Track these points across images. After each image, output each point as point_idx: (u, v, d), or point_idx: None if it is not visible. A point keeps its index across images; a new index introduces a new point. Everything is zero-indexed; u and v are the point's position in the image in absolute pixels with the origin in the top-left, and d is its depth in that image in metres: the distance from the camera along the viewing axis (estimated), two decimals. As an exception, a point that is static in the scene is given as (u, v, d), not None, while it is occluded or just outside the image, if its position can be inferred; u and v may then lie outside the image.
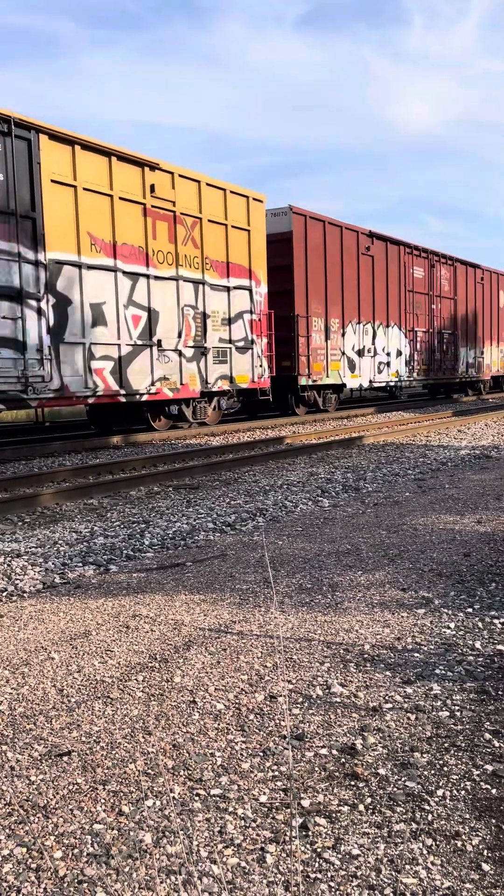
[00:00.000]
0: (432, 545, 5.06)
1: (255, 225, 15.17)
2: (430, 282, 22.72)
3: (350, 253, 18.61)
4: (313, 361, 17.37)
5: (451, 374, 24.54)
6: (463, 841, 1.96)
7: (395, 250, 20.78)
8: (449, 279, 23.94)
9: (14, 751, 2.48)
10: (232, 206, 14.49)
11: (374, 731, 2.54)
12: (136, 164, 12.27)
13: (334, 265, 18.02)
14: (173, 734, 2.55)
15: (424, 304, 22.41)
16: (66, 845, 1.98)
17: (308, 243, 17.00)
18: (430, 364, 22.96)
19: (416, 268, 21.96)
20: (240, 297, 14.88)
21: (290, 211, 16.59)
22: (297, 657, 3.18)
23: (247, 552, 5.06)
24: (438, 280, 23.24)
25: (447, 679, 2.94)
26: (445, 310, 23.91)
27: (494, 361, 28.55)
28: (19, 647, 3.43)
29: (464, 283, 24.96)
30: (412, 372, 21.93)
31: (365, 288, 19.49)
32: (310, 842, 1.97)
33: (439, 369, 23.64)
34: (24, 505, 6.98)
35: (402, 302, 21.22)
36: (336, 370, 18.28)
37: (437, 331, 23.20)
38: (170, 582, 4.44)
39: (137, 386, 12.42)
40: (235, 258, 14.69)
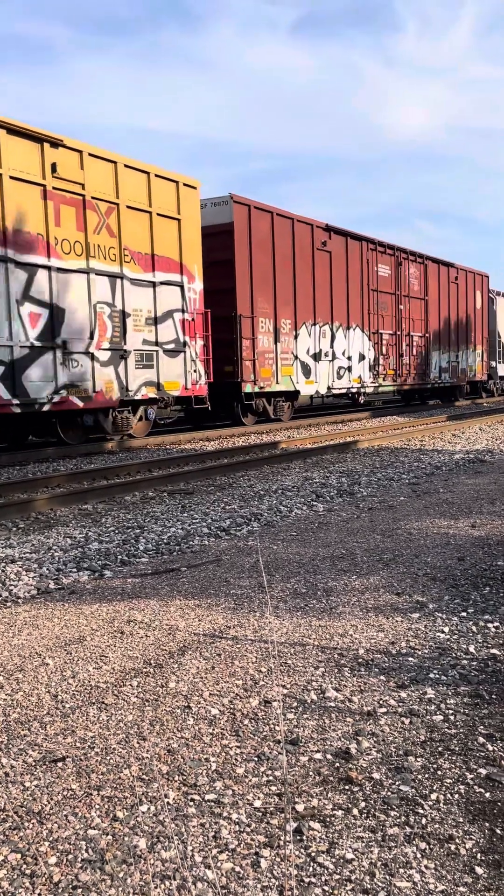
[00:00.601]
0: (427, 549, 5.08)
1: (187, 214, 13.53)
2: (398, 281, 21.22)
3: (304, 248, 17.08)
4: (260, 366, 15.75)
5: (422, 380, 22.90)
6: (457, 844, 1.96)
7: (356, 246, 19.16)
8: (419, 278, 22.43)
9: (8, 757, 2.48)
10: (158, 191, 12.90)
11: (369, 735, 2.54)
12: (33, 139, 10.80)
13: (285, 261, 16.46)
14: (168, 739, 2.55)
15: (391, 304, 20.95)
16: (60, 851, 1.98)
17: (253, 236, 15.46)
18: (398, 369, 21.46)
19: (382, 266, 20.41)
20: (169, 294, 13.25)
21: (231, 200, 15.05)
22: (292, 662, 3.19)
23: (241, 557, 5.07)
24: (407, 279, 21.74)
25: (441, 683, 2.94)
26: (415, 311, 22.35)
27: (472, 366, 26.85)
28: (14, 653, 3.43)
29: (436, 283, 23.41)
30: (377, 377, 20.36)
31: (322, 286, 17.87)
32: (304, 846, 1.97)
33: (409, 374, 22.04)
34: (18, 510, 6.97)
35: (366, 302, 19.68)
36: (288, 376, 16.77)
37: (407, 333, 21.74)
38: (164, 587, 4.44)
39: (37, 394, 10.92)
40: (163, 250, 13.06)
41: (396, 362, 21.33)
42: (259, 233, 15.70)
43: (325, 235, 17.88)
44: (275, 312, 16.30)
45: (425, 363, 23.08)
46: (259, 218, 15.73)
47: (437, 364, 23.90)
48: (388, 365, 20.88)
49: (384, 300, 20.65)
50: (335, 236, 18.30)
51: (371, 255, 19.90)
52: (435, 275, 23.50)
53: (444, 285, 24.04)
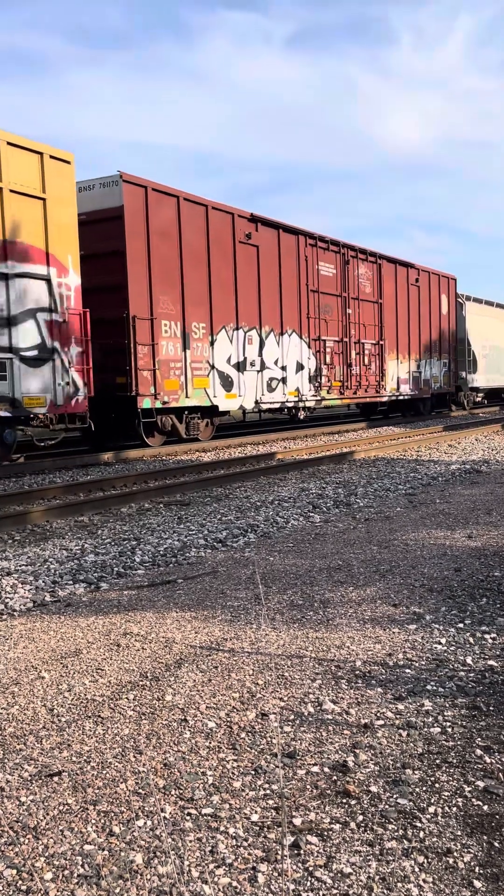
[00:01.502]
0: (423, 560, 5.07)
1: (56, 193, 11.02)
2: (344, 281, 18.52)
3: (222, 240, 14.52)
4: (163, 377, 13.11)
5: (375, 392, 20.15)
6: (455, 858, 1.95)
7: (290, 240, 16.64)
8: (371, 279, 19.83)
9: (4, 771, 2.46)
10: (13, 163, 10.41)
11: (366, 748, 2.53)
12: None
13: (196, 254, 13.86)
14: (164, 753, 2.54)
15: (337, 307, 18.28)
16: (56, 866, 1.96)
17: (152, 223, 12.88)
18: (346, 380, 18.65)
19: (324, 264, 17.80)
20: (29, 289, 10.72)
21: (121, 180, 12.51)
22: (289, 674, 3.18)
23: (238, 569, 5.06)
24: (355, 280, 19.03)
25: (438, 695, 2.94)
26: (367, 315, 19.67)
27: (437, 377, 24.00)
28: (9, 667, 3.41)
29: (392, 285, 20.87)
30: (320, 390, 17.66)
31: (247, 285, 15.25)
32: (301, 860, 1.96)
33: (360, 386, 19.27)
34: (14, 522, 6.95)
35: (304, 304, 17.05)
36: (202, 388, 14.10)
37: (357, 340, 19.04)
38: (161, 599, 4.43)
39: None
40: (22, 236, 10.57)
41: (344, 373, 18.56)
42: (161, 220, 13.05)
43: (250, 227, 15.28)
44: (183, 314, 13.55)
45: (380, 374, 20.34)
46: (161, 203, 13.13)
47: (394, 375, 21.19)
48: (333, 376, 18.14)
49: (328, 303, 18.00)
50: (263, 228, 15.73)
51: (310, 252, 17.32)
52: (391, 276, 20.91)
53: (402, 287, 21.49)
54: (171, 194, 13.32)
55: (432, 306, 23.42)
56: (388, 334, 20.83)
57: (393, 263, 21.11)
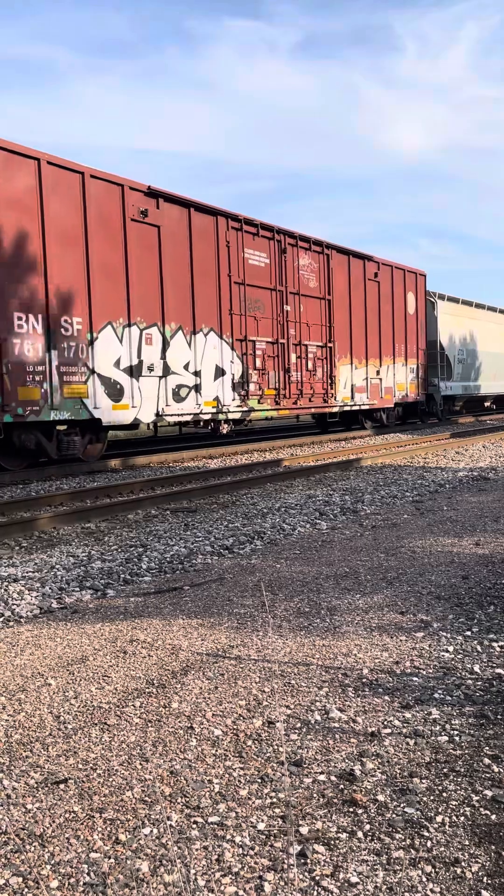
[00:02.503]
0: (430, 568, 5.06)
1: None
2: (281, 272, 15.92)
3: (108, 217, 11.98)
4: (17, 384, 10.50)
5: (322, 402, 17.42)
6: (462, 868, 1.94)
7: (206, 222, 13.96)
8: (318, 272, 17.20)
9: (10, 778, 2.46)
10: None
11: (373, 756, 2.52)
12: None
13: (68, 232, 11.27)
14: (171, 761, 2.53)
15: (271, 303, 15.67)
16: (62, 874, 1.96)
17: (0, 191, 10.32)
18: (283, 388, 15.93)
19: (254, 251, 15.15)
20: None
21: None
22: (296, 682, 3.17)
23: (245, 576, 5.05)
24: (295, 272, 16.40)
25: (446, 703, 2.92)
26: (312, 313, 17.03)
27: (401, 384, 21.09)
28: (16, 673, 3.41)
29: (345, 279, 18.22)
30: (248, 399, 14.90)
31: (143, 273, 12.57)
32: (308, 869, 1.95)
33: (301, 395, 16.57)
34: (21, 529, 6.97)
35: (225, 299, 14.38)
36: (77, 398, 11.39)
37: (298, 342, 16.41)
38: (167, 606, 4.42)
39: None
40: None
41: (280, 379, 15.89)
42: (12, 189, 10.50)
43: (147, 202, 12.58)
44: (47, 306, 10.97)
45: (328, 380, 17.58)
46: (11, 166, 10.45)
47: (347, 382, 18.39)
48: (265, 382, 15.44)
49: (258, 297, 15.30)
50: (167, 205, 13.04)
51: (234, 237, 14.63)
52: (343, 268, 18.22)
53: (357, 282, 18.78)
54: (28, 156, 10.67)
55: (396, 305, 20.69)
56: (340, 336, 18.10)
57: (345, 254, 18.32)
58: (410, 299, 21.59)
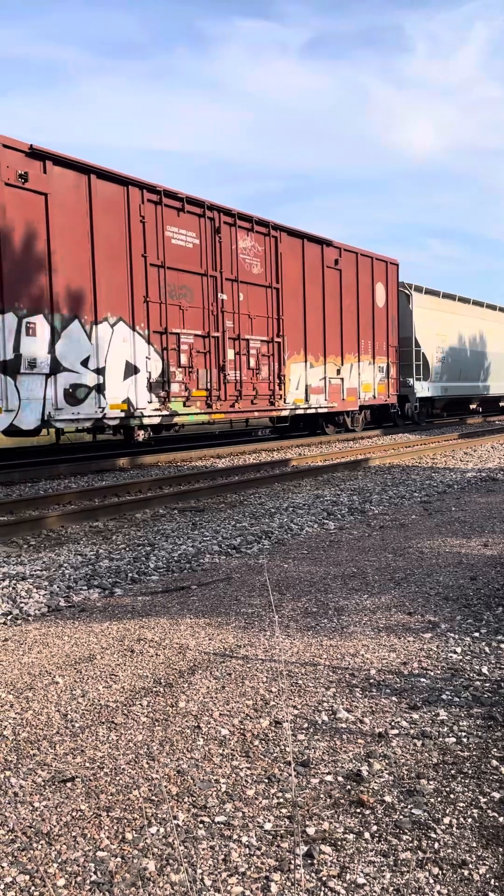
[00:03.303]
0: (438, 568, 5.04)
1: None
2: (215, 256, 13.68)
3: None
4: None
5: (269, 404, 15.19)
6: (470, 870, 1.93)
7: (114, 192, 11.68)
8: (263, 257, 14.94)
9: (18, 776, 2.46)
10: None
11: (380, 757, 2.52)
12: None
13: None
14: (178, 760, 2.53)
15: (202, 291, 13.40)
16: (69, 873, 1.96)
17: None
18: (217, 388, 13.71)
19: (178, 230, 12.85)
20: None
21: None
22: (303, 682, 3.17)
23: (252, 575, 5.05)
24: (234, 255, 14.13)
25: (454, 705, 2.91)
26: (255, 304, 14.74)
27: (367, 384, 18.53)
28: (24, 672, 3.42)
29: (297, 265, 15.97)
30: (169, 401, 12.65)
31: (23, 250, 10.44)
32: (315, 870, 1.95)
33: (240, 396, 14.29)
34: (29, 527, 6.98)
35: (141, 283, 12.05)
36: None
37: (237, 336, 14.17)
38: (175, 605, 4.42)
39: None
40: None
41: (213, 379, 13.65)
42: None
43: (29, 164, 10.35)
44: None
45: (277, 380, 15.35)
46: None
47: (300, 382, 16.11)
48: (193, 382, 13.21)
49: (185, 284, 13.07)
50: (59, 170, 10.78)
51: (152, 212, 12.29)
52: (295, 254, 15.96)
53: (314, 270, 16.51)
54: None
55: (362, 296, 18.26)
56: (291, 330, 15.81)
57: (298, 238, 16.02)
58: (380, 290, 19.08)
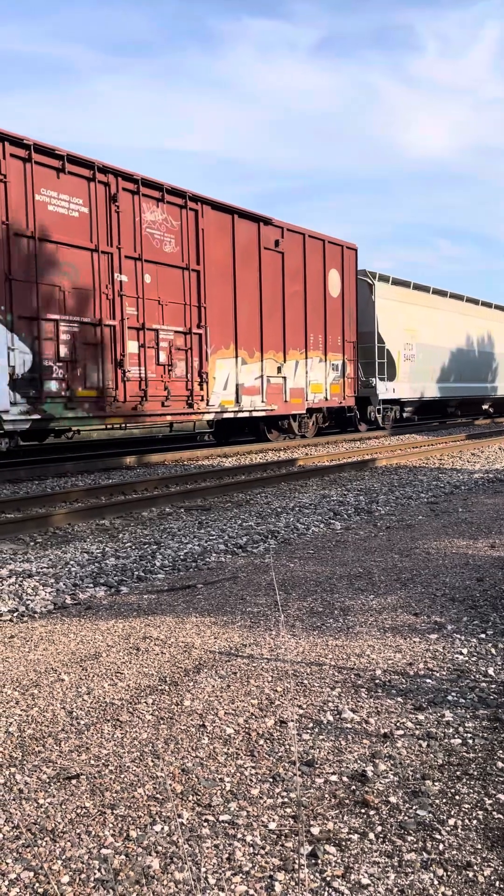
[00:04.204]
0: (445, 569, 5.03)
1: None
2: (111, 228, 11.47)
3: None
4: None
5: (186, 406, 13.03)
6: (475, 871, 1.93)
7: None
8: (177, 232, 12.68)
9: (23, 773, 2.47)
10: None
11: (385, 758, 2.51)
12: None
13: None
14: (182, 758, 2.54)
15: (92, 269, 11.17)
16: (73, 870, 1.96)
17: None
18: (110, 387, 11.48)
19: (58, 195, 10.76)
20: None
21: None
22: (308, 682, 3.16)
23: (258, 575, 5.05)
24: (137, 228, 11.87)
25: (459, 706, 2.91)
26: (168, 288, 12.51)
27: (317, 384, 16.36)
28: (29, 668, 3.43)
29: (226, 245, 13.72)
30: (39, 402, 10.44)
31: None
32: (319, 870, 1.94)
33: (146, 397, 12.12)
34: (36, 525, 7.00)
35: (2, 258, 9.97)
36: None
37: (141, 326, 11.94)
38: (181, 604, 4.43)
39: None
40: None
41: (110, 376, 11.49)
42: None
43: None
44: None
45: (197, 379, 13.20)
46: None
47: (229, 381, 13.94)
48: (78, 380, 11.04)
49: (69, 260, 10.88)
50: None
51: (17, 170, 10.19)
52: (224, 232, 13.72)
53: (247, 251, 14.27)
54: None
55: (311, 284, 16.08)
56: (217, 320, 13.57)
57: (226, 213, 13.74)
58: (333, 278, 16.82)
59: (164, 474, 11.06)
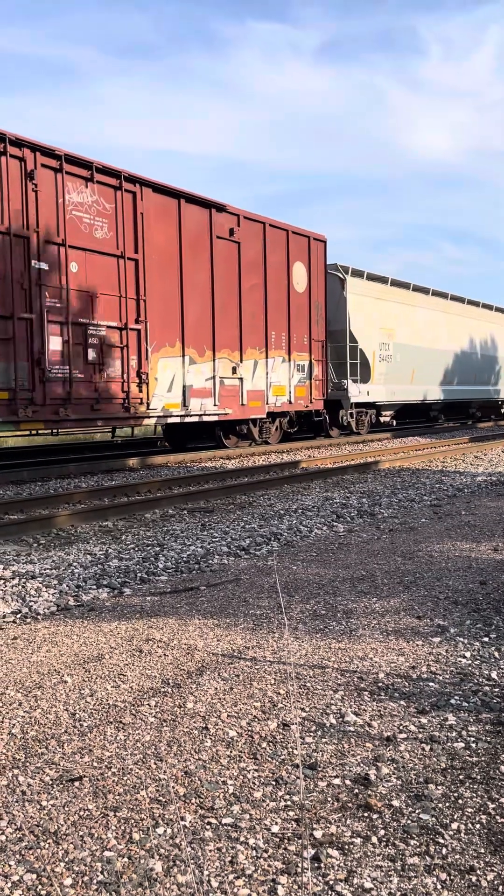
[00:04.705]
0: (448, 572, 5.03)
1: None
2: (26, 209, 10.33)
3: None
4: None
5: (122, 410, 11.85)
6: (478, 876, 1.92)
7: None
8: (111, 216, 11.59)
9: (26, 775, 2.47)
10: None
11: (388, 761, 2.51)
12: None
13: None
14: (185, 761, 2.53)
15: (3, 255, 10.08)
16: (76, 872, 1.96)
17: None
18: (28, 389, 10.40)
19: None
20: None
21: None
22: (311, 685, 3.16)
23: (261, 577, 5.05)
24: (60, 210, 10.81)
25: (463, 709, 2.90)
26: (100, 277, 11.40)
27: (280, 386, 15.24)
28: (32, 670, 3.43)
29: (171, 232, 12.53)
30: None
31: None
32: (322, 874, 1.94)
33: (69, 400, 10.96)
34: (39, 526, 7.00)
35: None
36: None
37: (66, 320, 10.86)
38: (183, 606, 4.43)
39: None
40: None
41: (25, 376, 10.39)
42: None
43: None
44: None
45: (135, 379, 12.06)
46: None
47: (175, 382, 12.79)
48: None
49: None
50: None
51: None
52: (168, 217, 12.51)
53: (197, 239, 13.10)
54: None
55: (273, 277, 14.99)
56: (160, 315, 12.36)
57: (170, 196, 12.52)
58: (299, 272, 15.75)
59: (168, 476, 11.07)
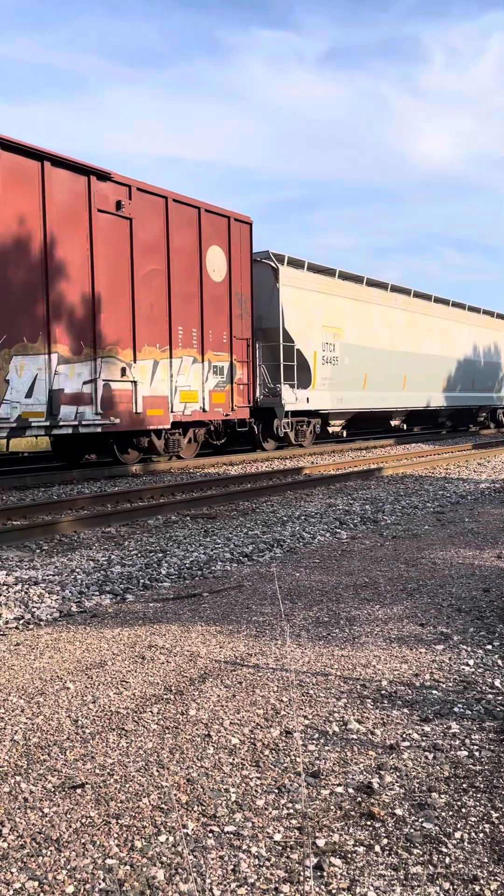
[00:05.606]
0: (451, 580, 5.02)
1: None
2: None
3: None
4: None
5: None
6: (481, 885, 1.92)
7: None
8: None
9: (28, 782, 2.47)
10: None
11: (391, 769, 2.50)
12: None
13: None
14: (187, 768, 2.53)
15: None
16: (78, 880, 1.96)
17: None
18: None
19: None
20: None
21: None
22: (314, 692, 3.15)
23: (264, 584, 5.04)
24: None
25: (466, 717, 2.89)
26: None
27: (190, 391, 13.21)
28: (35, 676, 3.43)
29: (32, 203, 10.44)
30: None
31: None
32: (324, 883, 1.93)
33: None
34: (42, 532, 7.00)
35: None
36: None
37: None
38: (186, 612, 4.42)
39: None
40: None
41: None
42: None
43: None
44: None
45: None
46: None
47: (39, 386, 10.63)
48: None
49: None
50: None
51: None
52: (27, 182, 10.38)
53: (72, 214, 10.99)
54: None
55: (180, 263, 12.88)
56: (14, 303, 10.29)
57: (31, 158, 10.41)
58: (215, 258, 13.62)
59: (171, 482, 11.07)
